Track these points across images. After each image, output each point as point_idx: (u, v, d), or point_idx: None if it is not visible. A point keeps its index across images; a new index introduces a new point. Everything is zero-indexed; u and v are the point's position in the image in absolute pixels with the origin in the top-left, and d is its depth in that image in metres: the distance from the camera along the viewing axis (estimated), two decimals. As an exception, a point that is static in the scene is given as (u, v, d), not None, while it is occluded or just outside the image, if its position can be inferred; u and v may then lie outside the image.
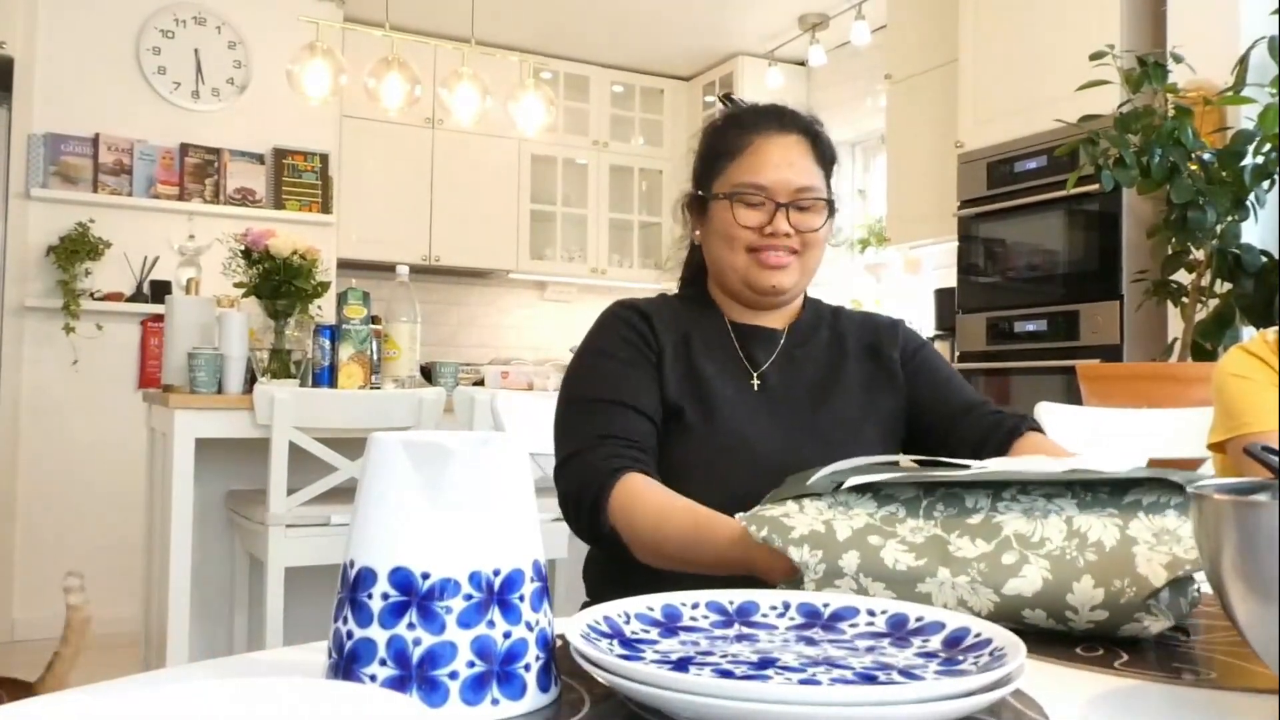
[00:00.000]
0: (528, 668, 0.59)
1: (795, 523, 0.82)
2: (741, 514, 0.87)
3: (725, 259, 1.30)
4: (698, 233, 1.36)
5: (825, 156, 1.31)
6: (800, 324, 1.35)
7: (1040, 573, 0.76)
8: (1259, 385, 1.54)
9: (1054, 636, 0.76)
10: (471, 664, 0.57)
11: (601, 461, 1.16)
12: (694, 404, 1.24)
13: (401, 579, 0.57)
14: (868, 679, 0.58)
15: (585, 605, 1.19)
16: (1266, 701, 0.62)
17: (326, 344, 2.68)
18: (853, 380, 1.30)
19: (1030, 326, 3.42)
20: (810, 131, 1.31)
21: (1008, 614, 0.76)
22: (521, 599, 0.59)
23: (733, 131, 1.30)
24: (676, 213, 1.41)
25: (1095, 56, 2.68)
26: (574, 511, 1.18)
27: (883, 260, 5.03)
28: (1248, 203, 2.58)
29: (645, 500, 1.11)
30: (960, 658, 0.61)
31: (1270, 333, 1.62)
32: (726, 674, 0.58)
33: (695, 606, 0.71)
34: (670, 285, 1.48)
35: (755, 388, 1.28)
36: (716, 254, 1.31)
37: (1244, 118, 2.69)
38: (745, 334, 1.32)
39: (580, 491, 1.16)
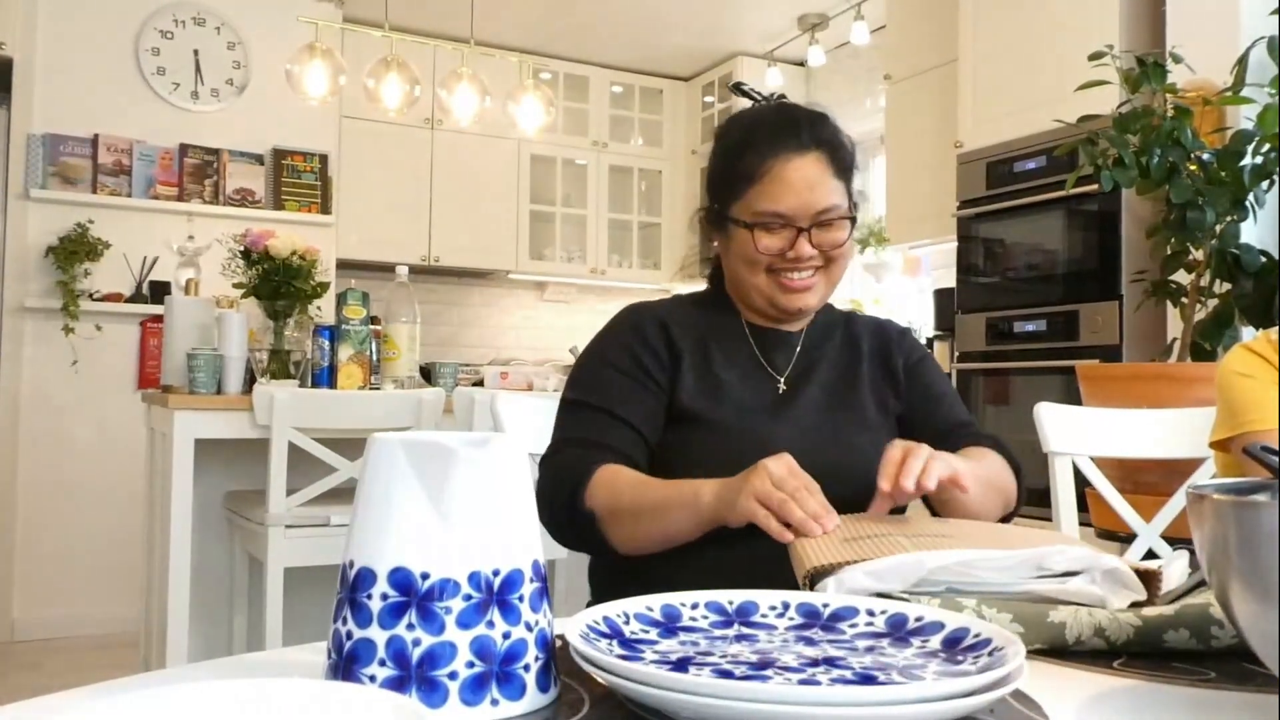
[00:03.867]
0: (527, 668, 0.59)
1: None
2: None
3: (747, 280, 1.29)
4: (716, 244, 1.34)
5: (845, 166, 1.28)
6: (816, 326, 1.36)
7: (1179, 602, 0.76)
8: (1262, 383, 1.54)
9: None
10: (471, 664, 0.57)
11: (580, 459, 1.18)
12: (714, 408, 1.24)
13: (401, 579, 0.57)
14: (868, 679, 0.58)
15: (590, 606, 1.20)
16: (1266, 701, 0.62)
17: (326, 344, 2.68)
18: (866, 383, 1.32)
19: (1029, 327, 3.42)
20: (830, 144, 1.27)
21: (1149, 638, 0.73)
22: (521, 599, 0.59)
23: (749, 156, 1.25)
24: (693, 224, 1.40)
25: (1094, 57, 2.68)
26: (549, 499, 1.17)
27: (882, 260, 5.02)
28: (1247, 203, 2.58)
29: (624, 476, 1.15)
30: (960, 658, 0.61)
31: (1274, 331, 1.61)
32: (726, 674, 0.58)
33: (695, 607, 0.71)
34: (673, 285, 1.47)
35: (780, 391, 1.29)
36: (738, 274, 1.31)
37: (1243, 118, 2.69)
38: (764, 337, 1.33)
39: (557, 481, 1.17)
